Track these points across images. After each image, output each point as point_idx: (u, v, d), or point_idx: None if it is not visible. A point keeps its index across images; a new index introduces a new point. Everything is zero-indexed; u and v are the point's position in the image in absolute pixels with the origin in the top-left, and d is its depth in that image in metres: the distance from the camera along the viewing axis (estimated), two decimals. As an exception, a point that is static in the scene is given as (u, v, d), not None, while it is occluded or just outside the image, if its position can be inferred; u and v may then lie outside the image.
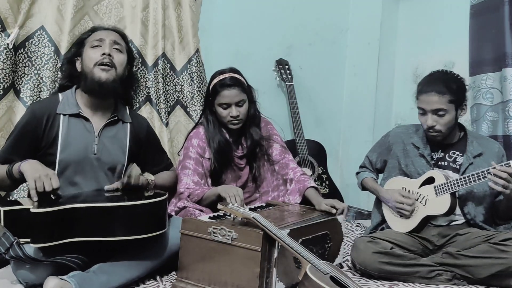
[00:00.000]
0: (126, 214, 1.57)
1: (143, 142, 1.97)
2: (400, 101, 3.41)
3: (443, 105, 1.97)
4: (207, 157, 2.20)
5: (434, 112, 1.99)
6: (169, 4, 2.69)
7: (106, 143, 1.83)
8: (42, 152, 1.76)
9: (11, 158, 1.74)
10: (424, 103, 2.01)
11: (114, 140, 1.86)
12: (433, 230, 2.05)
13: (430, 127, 2.01)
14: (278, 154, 2.31)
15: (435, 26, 3.13)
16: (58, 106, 1.80)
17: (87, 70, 1.80)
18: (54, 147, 1.75)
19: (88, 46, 1.84)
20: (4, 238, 1.49)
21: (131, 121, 1.94)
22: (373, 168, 2.36)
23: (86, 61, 1.82)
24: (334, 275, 1.38)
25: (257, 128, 2.29)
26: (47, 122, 1.76)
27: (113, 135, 1.86)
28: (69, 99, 1.82)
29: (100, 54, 1.79)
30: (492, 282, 1.83)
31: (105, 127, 1.84)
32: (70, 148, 1.77)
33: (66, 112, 1.79)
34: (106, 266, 1.60)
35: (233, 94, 2.14)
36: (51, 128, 1.76)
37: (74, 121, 1.80)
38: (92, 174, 1.81)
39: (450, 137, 2.09)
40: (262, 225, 1.53)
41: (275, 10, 3.12)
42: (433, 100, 1.97)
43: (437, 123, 1.99)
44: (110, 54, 1.80)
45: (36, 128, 1.75)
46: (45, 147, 1.76)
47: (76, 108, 1.81)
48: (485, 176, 1.86)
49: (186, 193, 2.08)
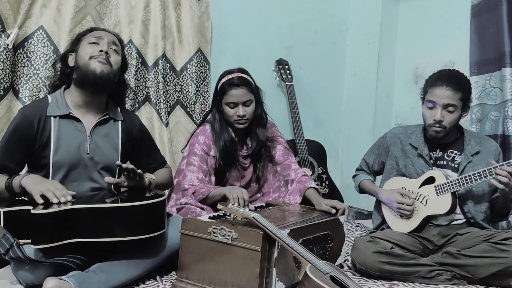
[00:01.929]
0: (125, 215, 1.57)
1: (136, 139, 1.96)
2: (400, 101, 3.41)
3: (455, 101, 1.97)
4: (212, 155, 2.21)
5: (444, 107, 1.99)
6: (169, 4, 2.70)
7: (99, 142, 1.82)
8: (35, 156, 1.75)
9: (5, 164, 1.73)
10: (436, 96, 1.99)
11: (106, 139, 1.85)
12: (433, 230, 2.05)
13: (437, 121, 2.00)
14: (281, 155, 2.32)
15: (435, 26, 3.13)
16: (48, 108, 1.78)
17: (81, 63, 1.78)
18: (47, 150, 1.74)
19: (86, 42, 1.82)
20: (3, 239, 1.48)
21: (123, 119, 1.92)
22: (370, 170, 2.36)
23: (81, 54, 1.79)
24: (334, 275, 1.38)
25: (263, 129, 2.29)
26: (39, 125, 1.74)
27: (105, 134, 1.85)
28: (58, 100, 1.80)
29: (97, 50, 1.78)
30: (492, 282, 1.83)
31: (97, 126, 1.83)
32: (62, 149, 1.75)
33: (56, 113, 1.77)
34: (105, 265, 1.60)
35: (240, 93, 2.16)
36: (43, 130, 1.75)
37: (64, 122, 1.78)
38: (86, 174, 1.80)
39: (448, 136, 2.09)
40: (262, 225, 1.53)
41: (275, 10, 3.12)
42: (446, 94, 1.97)
43: (444, 119, 1.99)
44: (107, 52, 1.80)
45: (28, 131, 1.73)
46: (38, 150, 1.75)
47: (66, 109, 1.79)
48: (486, 175, 1.87)
49: (191, 190, 2.08)
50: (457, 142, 2.11)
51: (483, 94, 2.62)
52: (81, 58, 1.79)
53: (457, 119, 2.02)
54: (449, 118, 1.99)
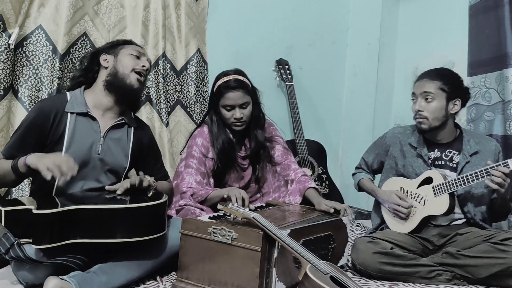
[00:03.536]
0: (127, 216, 1.57)
1: (145, 148, 1.98)
2: (400, 101, 3.41)
3: (431, 89, 2.01)
4: (211, 156, 2.20)
5: (423, 96, 2.03)
6: (169, 4, 2.70)
7: (110, 145, 1.84)
8: (47, 149, 1.76)
9: (17, 154, 1.73)
10: (416, 88, 2.08)
11: (118, 143, 1.87)
12: (433, 230, 2.06)
13: (416, 111, 2.05)
14: (280, 155, 2.31)
15: (435, 26, 3.13)
16: (67, 104, 1.80)
17: (122, 70, 1.83)
18: (60, 145, 1.75)
19: (127, 52, 1.87)
20: (4, 239, 1.48)
21: (136, 126, 1.95)
22: (369, 169, 2.37)
23: (123, 62, 1.85)
24: (334, 275, 1.38)
25: (261, 130, 2.29)
26: (55, 119, 1.76)
27: (118, 138, 1.87)
28: (78, 98, 1.83)
29: (141, 65, 1.86)
30: (492, 282, 1.83)
31: (111, 129, 1.85)
32: (75, 146, 1.77)
33: (74, 110, 1.80)
34: (106, 266, 1.60)
35: (237, 96, 2.15)
36: (58, 125, 1.77)
37: (81, 120, 1.81)
38: (93, 174, 1.81)
39: (445, 135, 2.09)
40: (262, 225, 1.53)
41: (275, 10, 3.12)
42: (422, 83, 2.05)
43: (424, 109, 2.02)
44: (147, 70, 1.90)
45: (43, 124, 1.75)
46: (51, 144, 1.76)
47: (85, 107, 1.82)
48: (483, 175, 1.87)
49: (189, 193, 2.08)
50: (455, 142, 2.11)
51: (478, 94, 2.63)
52: (123, 66, 1.84)
53: (439, 110, 2.02)
54: (428, 108, 2.02)
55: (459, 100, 2.05)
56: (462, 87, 2.08)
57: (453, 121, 2.10)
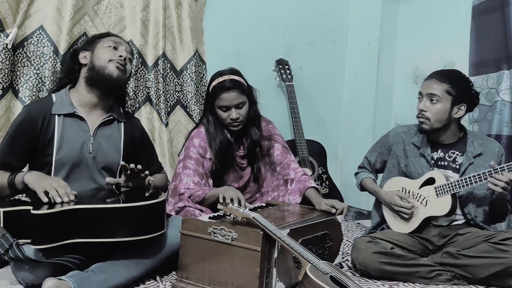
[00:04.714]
0: (126, 215, 1.57)
1: (137, 142, 1.97)
2: (400, 101, 3.42)
3: (437, 91, 2.00)
4: (208, 157, 2.19)
5: (428, 97, 2.02)
6: (170, 4, 2.70)
7: (102, 142, 1.83)
8: (39, 153, 1.76)
9: (8, 160, 1.73)
10: (423, 87, 2.07)
11: (109, 140, 1.86)
12: (433, 230, 2.05)
13: (420, 110, 2.04)
14: (280, 154, 2.30)
15: (435, 26, 3.13)
16: (53, 106, 1.79)
17: (99, 64, 1.81)
18: (50, 148, 1.75)
19: (103, 45, 1.85)
20: (3, 239, 1.48)
21: (126, 121, 1.94)
22: (372, 168, 2.36)
23: (99, 55, 1.82)
24: (334, 275, 1.38)
25: (257, 128, 2.28)
26: (43, 123, 1.75)
27: (108, 135, 1.86)
28: (64, 99, 1.82)
29: (117, 55, 1.83)
30: (492, 282, 1.83)
31: (100, 126, 1.84)
32: (65, 148, 1.76)
33: (61, 112, 1.79)
34: (104, 265, 1.60)
35: (232, 97, 2.14)
36: (46, 128, 1.76)
37: (69, 121, 1.79)
38: (88, 174, 1.81)
39: (448, 136, 2.08)
40: (262, 225, 1.53)
41: (275, 10, 3.12)
42: (430, 84, 2.04)
43: (428, 110, 2.02)
44: (125, 59, 1.85)
45: (31, 129, 1.74)
46: (41, 148, 1.76)
47: (71, 108, 1.80)
48: (486, 177, 1.86)
49: (187, 194, 2.07)
50: (459, 143, 2.10)
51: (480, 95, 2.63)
52: (99, 59, 1.81)
53: (443, 113, 2.01)
54: (432, 109, 2.01)
55: (465, 105, 2.03)
56: (470, 92, 2.05)
57: (456, 123, 2.09)
